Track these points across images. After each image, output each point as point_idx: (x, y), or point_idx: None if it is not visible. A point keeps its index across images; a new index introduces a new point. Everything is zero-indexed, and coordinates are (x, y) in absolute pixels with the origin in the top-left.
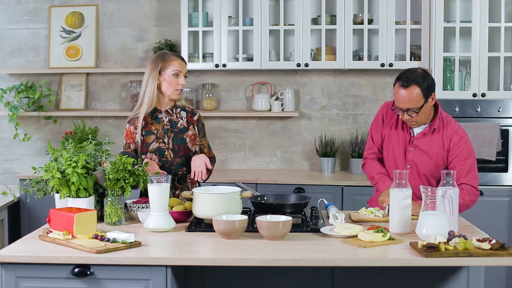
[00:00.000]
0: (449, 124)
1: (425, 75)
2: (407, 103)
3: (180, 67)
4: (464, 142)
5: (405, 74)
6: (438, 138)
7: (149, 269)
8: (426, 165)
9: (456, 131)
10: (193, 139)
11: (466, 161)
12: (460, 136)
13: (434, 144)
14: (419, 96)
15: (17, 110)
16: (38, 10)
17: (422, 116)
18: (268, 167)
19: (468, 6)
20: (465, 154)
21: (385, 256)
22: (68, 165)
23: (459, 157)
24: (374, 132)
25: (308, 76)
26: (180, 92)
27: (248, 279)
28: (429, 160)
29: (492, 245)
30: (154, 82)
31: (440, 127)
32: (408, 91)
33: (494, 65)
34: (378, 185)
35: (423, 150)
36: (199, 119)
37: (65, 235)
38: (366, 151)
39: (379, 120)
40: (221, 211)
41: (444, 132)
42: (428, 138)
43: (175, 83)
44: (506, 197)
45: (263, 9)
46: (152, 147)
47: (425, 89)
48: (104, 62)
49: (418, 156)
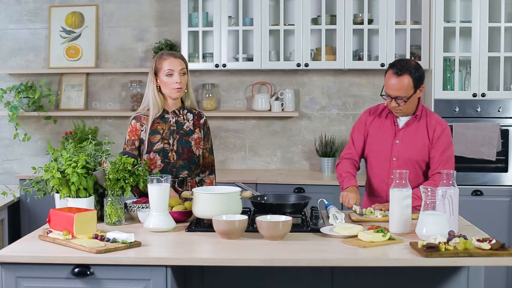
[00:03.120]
0: (432, 115)
1: (417, 66)
2: (398, 91)
3: (172, 65)
4: (446, 134)
5: (399, 62)
6: (423, 125)
7: (149, 269)
8: (412, 155)
9: (439, 122)
10: (198, 142)
11: (446, 151)
12: (443, 127)
13: (420, 133)
14: (410, 85)
15: (17, 110)
16: (38, 10)
17: (408, 106)
18: (268, 167)
19: (468, 6)
20: (446, 145)
21: (385, 256)
22: (68, 165)
23: (439, 147)
24: (356, 136)
25: (308, 76)
26: (179, 90)
27: (248, 279)
28: (415, 150)
29: (492, 245)
30: (153, 85)
31: (423, 115)
32: (401, 79)
33: (494, 65)
34: (344, 183)
35: (409, 140)
36: (205, 122)
37: (65, 235)
38: (344, 151)
39: (361, 124)
40: (221, 211)
41: (428, 120)
42: (414, 128)
43: (170, 83)
44: (506, 197)
45: (263, 9)
46: (157, 147)
47: (416, 79)
48: (104, 62)
49: (404, 147)
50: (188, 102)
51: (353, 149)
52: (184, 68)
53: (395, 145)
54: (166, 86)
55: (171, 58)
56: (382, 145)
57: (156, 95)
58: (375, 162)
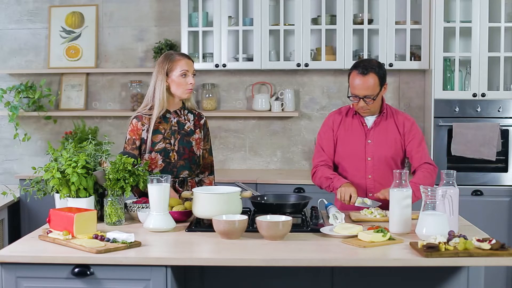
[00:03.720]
0: (398, 112)
1: (380, 64)
2: (365, 90)
3: (187, 66)
4: (416, 126)
5: (362, 62)
6: (391, 123)
7: (149, 269)
8: (386, 152)
9: (406, 117)
10: (199, 142)
11: (421, 143)
12: (411, 121)
13: (389, 129)
14: (376, 83)
15: (17, 110)
16: (38, 10)
17: (376, 104)
18: (268, 167)
19: (468, 6)
20: (419, 137)
21: (385, 256)
22: (68, 165)
23: (415, 141)
24: (325, 142)
25: (308, 76)
26: (191, 91)
27: (248, 279)
28: (388, 147)
29: (492, 245)
30: (163, 85)
31: (390, 113)
32: (366, 78)
33: (494, 65)
34: (334, 183)
35: (381, 139)
36: (205, 123)
37: (65, 235)
38: (316, 159)
39: (329, 129)
40: (221, 211)
41: (396, 118)
42: (383, 126)
43: (184, 83)
44: (506, 197)
45: (263, 9)
46: (158, 147)
47: (381, 77)
48: (104, 62)
49: (377, 146)
50: (189, 103)
51: (325, 156)
52: (195, 70)
53: (368, 145)
54: (180, 86)
55: (186, 59)
56: (354, 147)
57: (164, 94)
58: (349, 164)
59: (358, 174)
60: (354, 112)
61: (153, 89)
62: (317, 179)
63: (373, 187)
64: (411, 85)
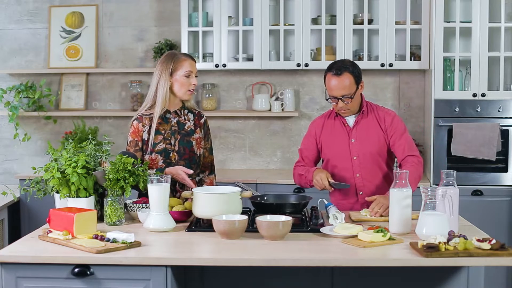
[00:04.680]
0: (378, 108)
1: (353, 64)
2: (342, 89)
3: (191, 67)
4: (397, 120)
5: (335, 64)
6: (372, 119)
7: (149, 269)
8: (371, 149)
9: (387, 112)
10: (199, 142)
11: (404, 135)
12: (392, 115)
13: (371, 126)
14: (352, 82)
15: (17, 110)
16: (38, 10)
17: (354, 103)
18: (268, 167)
19: (468, 6)
20: (401, 130)
21: (385, 256)
22: (68, 165)
23: (397, 134)
24: (305, 149)
25: (308, 76)
26: (192, 92)
27: (248, 279)
28: (372, 144)
29: (492, 245)
30: (166, 84)
31: (370, 110)
32: (342, 78)
33: (494, 65)
34: (307, 177)
35: (364, 136)
36: (205, 122)
37: (65, 235)
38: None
39: (311, 136)
40: (221, 211)
41: (376, 114)
42: (364, 124)
43: (187, 84)
44: (506, 197)
45: (263, 9)
46: (159, 147)
47: (356, 76)
48: (104, 62)
49: (361, 144)
50: (188, 103)
51: (303, 162)
52: (197, 71)
53: (352, 144)
54: (183, 86)
55: (190, 59)
56: (339, 148)
57: (167, 94)
58: (337, 165)
59: (346, 174)
60: (336, 114)
61: (156, 88)
62: (295, 180)
63: (363, 185)
64: (411, 85)
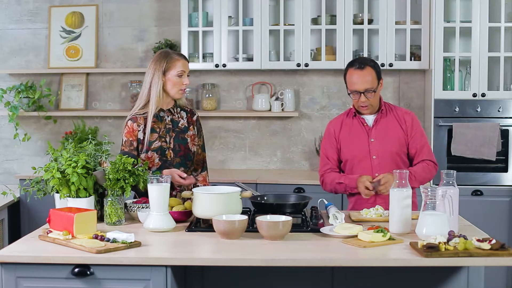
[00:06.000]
0: (396, 107)
1: (374, 61)
2: (365, 83)
3: (184, 67)
4: (416, 120)
5: (357, 59)
6: (392, 119)
7: (149, 269)
8: (391, 149)
9: (406, 112)
10: (193, 139)
11: (423, 138)
12: (411, 115)
13: (391, 126)
14: (374, 77)
15: (17, 110)
16: (38, 10)
17: (376, 99)
18: (268, 167)
19: (468, 6)
20: (420, 132)
21: (385, 256)
22: (68, 165)
23: (416, 136)
24: (328, 149)
25: (308, 76)
26: (184, 92)
27: (248, 279)
28: (392, 143)
29: (492, 245)
30: (160, 83)
31: (388, 109)
32: (364, 72)
33: (494, 65)
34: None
35: (383, 135)
36: (197, 119)
37: (65, 235)
38: (321, 168)
39: (330, 137)
40: (221, 211)
41: (395, 113)
42: (384, 123)
43: (179, 83)
44: (506, 197)
45: (263, 9)
46: (155, 145)
47: (378, 72)
48: (104, 62)
49: (380, 143)
50: (180, 101)
51: (330, 164)
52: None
53: (371, 143)
54: (175, 86)
55: (183, 59)
56: (358, 147)
57: (160, 93)
58: (356, 165)
59: (365, 173)
60: (354, 113)
61: (149, 86)
62: (328, 185)
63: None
64: (411, 85)
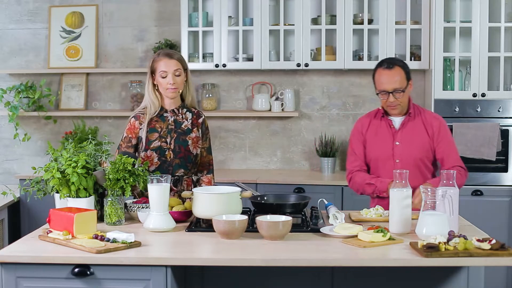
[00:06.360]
0: (424, 111)
1: (403, 61)
2: (394, 83)
3: (165, 67)
4: (444, 125)
5: (386, 59)
6: (419, 123)
7: (149, 269)
8: (415, 154)
9: (434, 116)
10: (196, 141)
11: (452, 144)
12: (439, 120)
13: (417, 130)
14: (403, 77)
15: (17, 110)
16: (38, 10)
17: (405, 100)
18: (268, 167)
19: (468, 6)
20: (449, 137)
21: (385, 256)
22: (68, 165)
23: (445, 141)
24: (356, 145)
25: (308, 76)
26: (173, 91)
27: (248, 279)
28: (416, 148)
29: (492, 245)
30: (150, 84)
31: (417, 113)
32: (393, 71)
33: (494, 65)
34: (378, 188)
35: (409, 140)
36: (203, 121)
37: (65, 235)
38: (350, 164)
39: (358, 133)
40: (221, 211)
41: (423, 117)
42: (411, 127)
43: (164, 84)
44: (506, 197)
45: (263, 9)
46: (154, 145)
47: (407, 72)
48: (104, 62)
49: (405, 148)
50: (188, 100)
51: (358, 160)
52: (179, 68)
53: (396, 146)
54: (161, 86)
55: (166, 59)
56: (382, 149)
57: (151, 94)
58: (378, 166)
59: (387, 176)
60: (382, 114)
61: (146, 88)
62: (356, 185)
63: None
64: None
